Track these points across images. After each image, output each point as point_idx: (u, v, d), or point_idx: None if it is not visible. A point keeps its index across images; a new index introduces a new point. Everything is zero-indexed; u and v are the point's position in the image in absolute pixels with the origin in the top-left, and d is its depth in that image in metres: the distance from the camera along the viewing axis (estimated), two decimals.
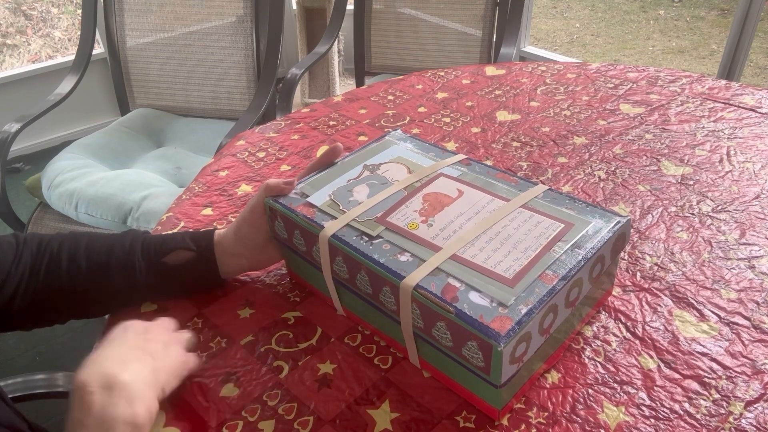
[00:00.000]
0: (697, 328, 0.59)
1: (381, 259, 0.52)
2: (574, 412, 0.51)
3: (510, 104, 1.05)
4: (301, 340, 0.59)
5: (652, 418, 0.50)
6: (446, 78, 1.17)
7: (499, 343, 0.44)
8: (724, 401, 0.51)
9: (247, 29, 1.63)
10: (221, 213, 0.80)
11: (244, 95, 1.68)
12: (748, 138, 0.90)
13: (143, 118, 1.69)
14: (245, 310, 0.64)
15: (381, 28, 1.86)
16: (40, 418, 1.35)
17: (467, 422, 0.50)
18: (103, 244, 0.62)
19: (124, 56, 1.73)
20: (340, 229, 0.56)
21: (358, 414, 0.52)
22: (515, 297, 0.47)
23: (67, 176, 1.39)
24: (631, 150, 0.89)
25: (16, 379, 0.74)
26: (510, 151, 0.90)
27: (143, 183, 1.36)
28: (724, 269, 0.66)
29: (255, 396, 0.54)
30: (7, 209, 1.44)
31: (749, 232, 0.71)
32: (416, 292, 0.49)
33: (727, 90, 1.05)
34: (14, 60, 2.96)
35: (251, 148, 0.96)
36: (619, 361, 0.56)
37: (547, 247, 0.52)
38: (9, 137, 1.43)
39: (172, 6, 1.67)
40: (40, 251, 0.61)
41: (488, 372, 0.46)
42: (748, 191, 0.78)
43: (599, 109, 1.01)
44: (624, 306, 0.62)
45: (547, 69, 1.18)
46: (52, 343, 1.59)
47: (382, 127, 1.00)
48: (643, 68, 1.15)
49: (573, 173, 0.84)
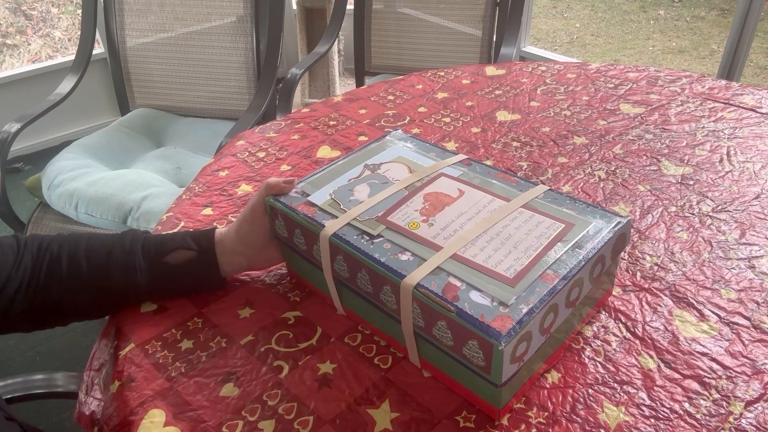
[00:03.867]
0: (697, 328, 0.59)
1: (382, 258, 0.52)
2: (574, 412, 0.51)
3: (510, 104, 1.05)
4: (301, 340, 0.59)
5: (652, 418, 0.50)
6: (446, 78, 1.17)
7: (500, 342, 0.44)
8: (724, 401, 0.51)
9: (247, 29, 1.63)
10: (221, 213, 0.80)
11: (244, 95, 1.68)
12: (748, 138, 0.90)
13: (143, 118, 1.69)
14: (245, 309, 0.64)
15: (381, 28, 1.86)
16: (40, 418, 1.35)
17: (467, 422, 0.50)
18: (103, 244, 0.62)
19: (124, 56, 1.73)
20: (340, 228, 0.56)
21: (358, 414, 0.52)
22: (516, 296, 0.47)
23: (67, 176, 1.39)
24: (631, 150, 0.89)
25: (15, 379, 0.74)
26: (510, 151, 0.90)
27: (143, 183, 1.36)
28: (724, 269, 0.66)
29: (255, 396, 0.54)
30: (7, 209, 1.44)
31: (749, 232, 0.71)
32: (417, 291, 0.49)
33: (727, 90, 1.05)
34: (14, 60, 2.96)
35: (251, 148, 0.96)
36: (619, 361, 0.56)
37: (547, 247, 0.52)
38: (9, 137, 1.43)
39: (172, 6, 1.67)
40: (40, 253, 0.61)
41: (489, 371, 0.46)
42: (748, 191, 0.78)
43: (599, 109, 1.01)
44: (624, 306, 0.62)
45: (547, 69, 1.18)
46: (52, 343, 1.59)
47: (382, 127, 1.00)
48: (643, 68, 1.15)
49: (573, 173, 0.84)
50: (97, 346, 0.63)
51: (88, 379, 0.60)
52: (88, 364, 0.61)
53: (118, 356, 0.59)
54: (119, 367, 0.57)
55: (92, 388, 0.59)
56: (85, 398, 0.58)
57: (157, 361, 0.58)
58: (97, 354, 0.62)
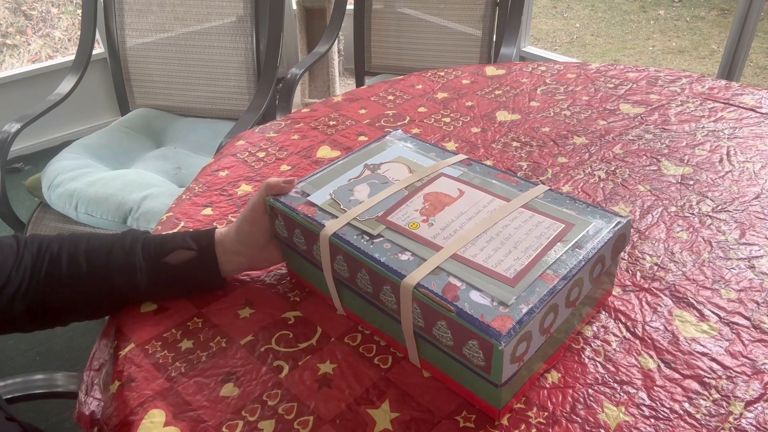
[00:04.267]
0: (697, 328, 0.59)
1: (382, 258, 0.52)
2: (574, 412, 0.51)
3: (510, 104, 1.05)
4: (301, 340, 0.59)
5: (652, 418, 0.50)
6: (446, 78, 1.17)
7: (500, 342, 0.44)
8: (724, 401, 0.51)
9: (247, 29, 1.63)
10: (221, 213, 0.80)
11: (244, 95, 1.68)
12: (748, 138, 0.90)
13: (143, 118, 1.69)
14: (245, 309, 0.64)
15: (381, 28, 1.86)
16: (40, 418, 1.35)
17: (467, 422, 0.50)
18: (103, 244, 0.62)
19: (124, 56, 1.73)
20: (340, 227, 0.56)
21: (358, 414, 0.52)
22: (516, 296, 0.47)
23: (67, 176, 1.39)
24: (631, 150, 0.89)
25: (15, 380, 0.74)
26: (510, 151, 0.90)
27: (143, 183, 1.36)
28: (724, 269, 0.66)
29: (255, 396, 0.54)
30: (7, 209, 1.44)
31: (749, 232, 0.71)
32: (417, 290, 0.49)
33: (727, 90, 1.05)
34: (14, 60, 2.96)
35: (251, 148, 0.96)
36: (619, 361, 0.56)
37: (547, 247, 0.52)
38: (9, 137, 1.43)
39: (172, 6, 1.67)
40: (40, 253, 0.61)
41: (489, 371, 0.46)
42: (748, 191, 0.78)
43: (599, 109, 1.01)
44: (624, 306, 0.62)
45: (547, 69, 1.18)
46: (52, 343, 1.59)
47: (382, 127, 1.00)
48: (643, 68, 1.15)
49: (573, 173, 0.84)
50: (97, 346, 0.63)
51: (88, 379, 0.60)
52: (88, 364, 0.61)
53: (118, 356, 0.59)
54: (119, 367, 0.57)
55: (92, 388, 0.59)
56: (85, 398, 0.58)
57: (157, 361, 0.58)
58: (97, 354, 0.62)
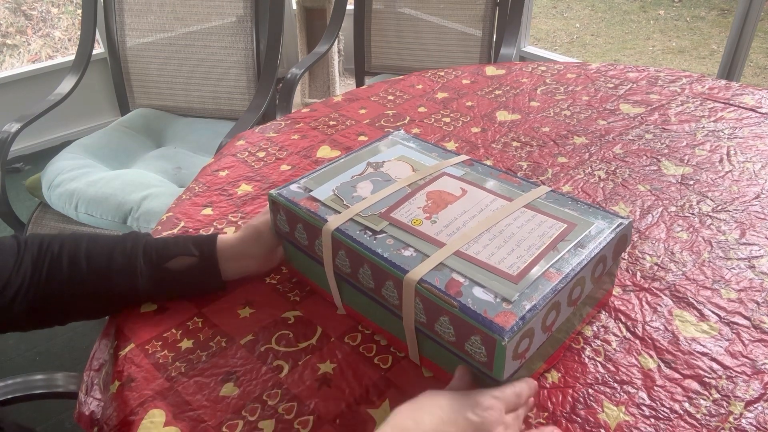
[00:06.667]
0: (697, 328, 0.59)
1: (384, 253, 0.52)
2: (574, 412, 0.51)
3: (510, 104, 1.05)
4: (301, 340, 0.59)
5: (652, 418, 0.50)
6: (446, 78, 1.17)
7: (503, 337, 0.44)
8: (724, 401, 0.51)
9: (247, 29, 1.63)
10: (221, 213, 0.80)
11: (244, 95, 1.68)
12: (748, 138, 0.90)
13: (143, 118, 1.69)
14: (245, 309, 0.64)
15: (381, 28, 1.86)
16: (40, 418, 1.35)
17: None
18: (104, 246, 0.62)
19: (124, 56, 1.72)
20: (343, 223, 0.56)
21: (358, 413, 0.52)
22: (519, 293, 0.47)
23: (67, 176, 1.39)
24: (631, 150, 0.89)
25: (15, 380, 0.74)
26: (510, 151, 0.90)
27: (143, 183, 1.36)
28: (724, 269, 0.66)
29: (255, 395, 0.54)
30: (7, 209, 1.44)
31: (749, 232, 0.71)
32: (420, 286, 0.49)
33: (727, 90, 1.05)
34: (14, 60, 2.96)
35: (251, 148, 0.96)
36: (619, 361, 0.56)
37: (550, 246, 0.52)
38: (9, 137, 1.43)
39: (172, 6, 1.67)
40: (41, 254, 0.61)
41: (491, 367, 0.46)
42: (748, 191, 0.78)
43: (599, 109, 1.01)
44: (624, 306, 0.62)
45: (547, 69, 1.18)
46: (52, 343, 1.59)
47: (382, 127, 1.00)
48: (643, 68, 1.15)
49: (573, 173, 0.84)
50: (97, 346, 0.63)
51: (88, 379, 0.60)
52: (88, 364, 0.61)
53: (118, 356, 0.59)
54: (119, 367, 0.57)
55: (92, 388, 0.59)
56: (85, 398, 0.58)
57: (157, 361, 0.58)
58: (97, 354, 0.62)
